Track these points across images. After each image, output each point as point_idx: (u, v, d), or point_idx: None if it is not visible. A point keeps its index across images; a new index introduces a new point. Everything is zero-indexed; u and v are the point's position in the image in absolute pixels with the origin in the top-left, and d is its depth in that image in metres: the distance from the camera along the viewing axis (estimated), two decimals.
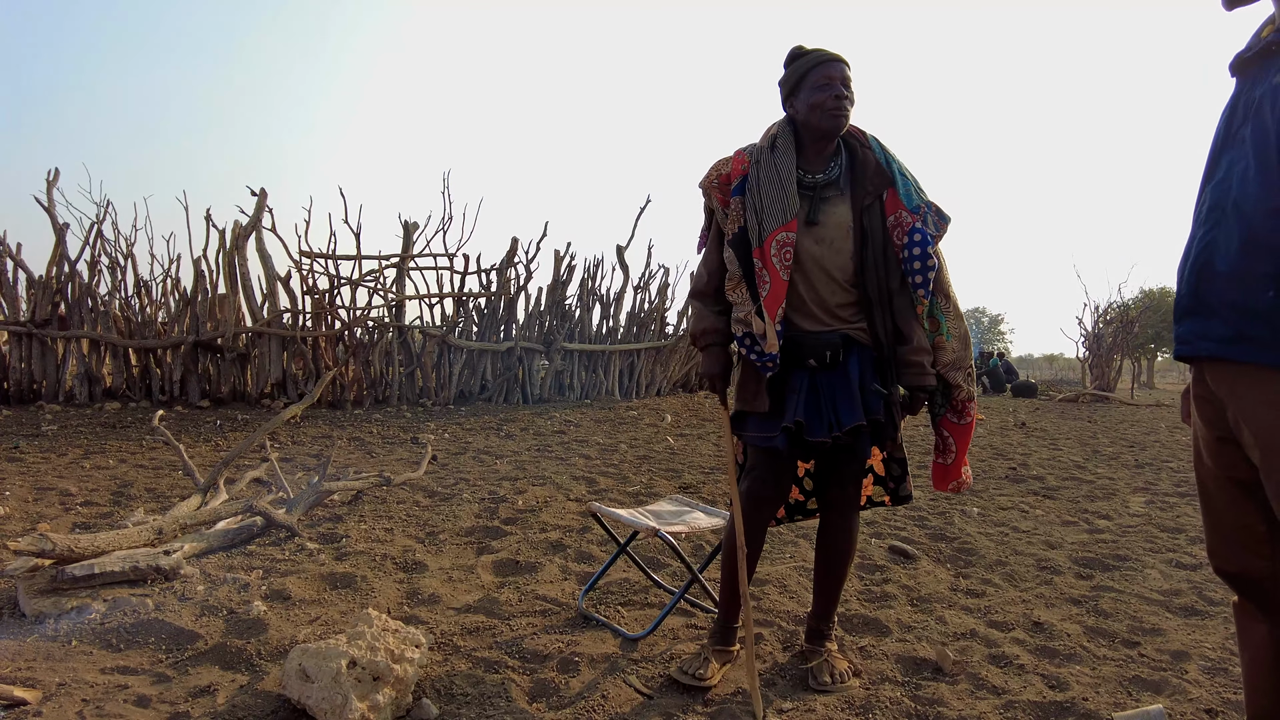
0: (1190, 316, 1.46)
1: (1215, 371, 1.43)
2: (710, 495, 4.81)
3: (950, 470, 2.28)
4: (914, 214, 2.11)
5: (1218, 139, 1.47)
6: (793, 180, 2.08)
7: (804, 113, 2.09)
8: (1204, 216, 1.44)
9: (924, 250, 2.08)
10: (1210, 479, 1.52)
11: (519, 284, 10.42)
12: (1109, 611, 2.88)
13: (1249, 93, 1.40)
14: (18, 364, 8.26)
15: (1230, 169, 1.40)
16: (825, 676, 2.19)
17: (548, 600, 2.82)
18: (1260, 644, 1.50)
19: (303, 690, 1.89)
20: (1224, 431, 1.46)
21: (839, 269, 2.10)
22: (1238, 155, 1.39)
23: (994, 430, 9.15)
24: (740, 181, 2.14)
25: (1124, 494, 5.29)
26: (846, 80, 2.07)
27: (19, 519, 3.80)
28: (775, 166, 2.09)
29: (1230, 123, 1.43)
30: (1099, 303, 19.27)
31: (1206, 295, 1.41)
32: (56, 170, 8.75)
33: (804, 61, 2.09)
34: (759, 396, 2.13)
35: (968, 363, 2.18)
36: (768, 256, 2.07)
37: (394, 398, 9.32)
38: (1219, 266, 1.38)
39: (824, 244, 2.09)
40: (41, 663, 2.13)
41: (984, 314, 59.49)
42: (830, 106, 2.04)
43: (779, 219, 2.06)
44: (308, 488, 4.02)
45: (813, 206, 2.10)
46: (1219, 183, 1.42)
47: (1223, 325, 1.38)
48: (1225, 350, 1.37)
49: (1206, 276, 1.41)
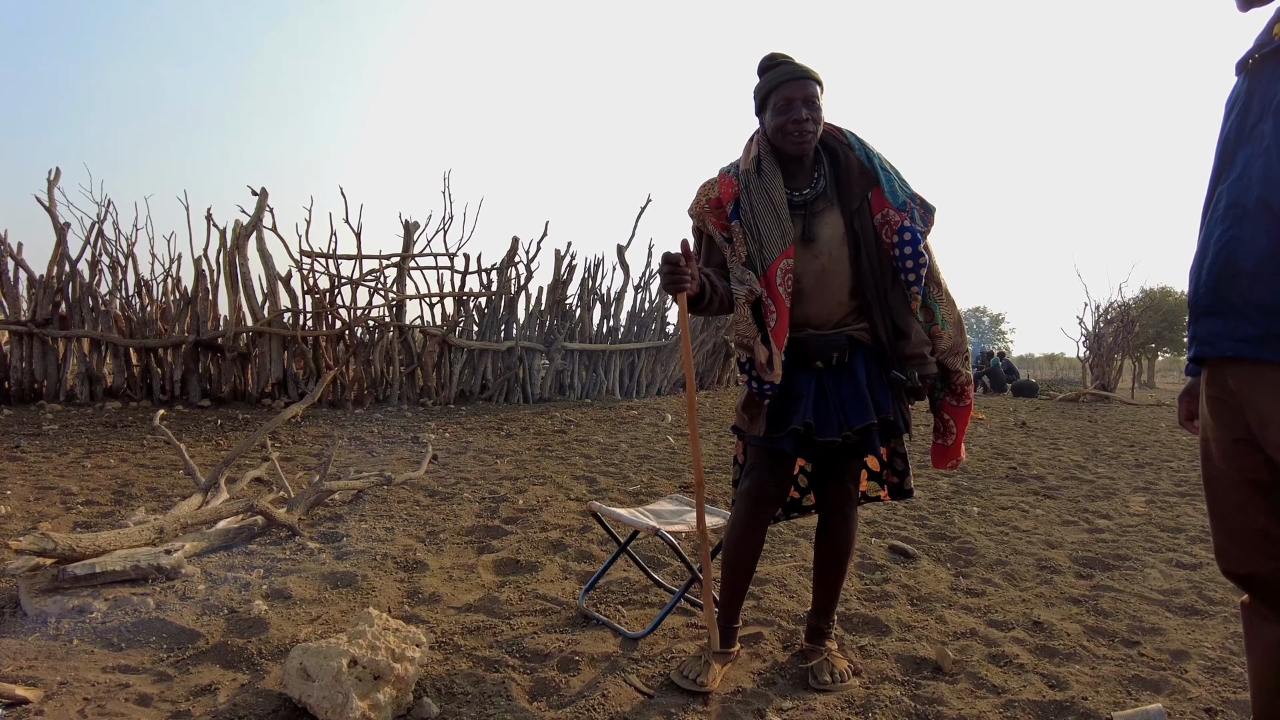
0: (1211, 316, 1.43)
1: (1239, 372, 1.40)
2: (711, 494, 4.81)
3: (950, 450, 2.31)
4: (901, 211, 2.10)
5: (1229, 135, 1.44)
6: (785, 205, 2.08)
7: (770, 133, 2.09)
8: (1221, 214, 1.41)
9: (915, 249, 2.09)
10: (1222, 481, 1.50)
11: (519, 283, 10.43)
12: (1109, 611, 2.89)
13: (1265, 89, 1.37)
14: (19, 363, 8.27)
15: (1249, 166, 1.37)
16: (825, 675, 2.20)
17: (548, 599, 2.82)
18: (1271, 645, 1.48)
19: (304, 689, 1.89)
20: (1242, 433, 1.43)
21: (839, 280, 2.11)
22: (1256, 151, 1.36)
23: (994, 430, 9.14)
24: (734, 206, 2.12)
25: (1124, 494, 5.29)
26: (810, 99, 2.02)
27: (20, 518, 3.80)
28: (766, 192, 2.08)
29: (1244, 119, 1.40)
30: (1099, 302, 19.26)
31: (1229, 294, 1.39)
32: (57, 169, 8.77)
33: (769, 78, 2.07)
34: (756, 421, 2.13)
35: (964, 347, 2.21)
36: (773, 285, 2.06)
37: (394, 397, 9.33)
38: (1244, 265, 1.36)
39: (822, 258, 2.10)
40: (43, 661, 2.14)
41: (984, 314, 59.47)
42: (790, 130, 2.02)
43: (779, 246, 2.06)
44: (308, 487, 4.02)
45: (807, 223, 2.10)
46: (1236, 180, 1.39)
47: (1249, 324, 1.35)
48: (1253, 350, 1.35)
49: (1229, 275, 1.38)
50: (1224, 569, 1.53)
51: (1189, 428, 1.70)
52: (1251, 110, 1.40)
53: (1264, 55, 1.39)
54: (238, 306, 8.77)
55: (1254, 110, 1.39)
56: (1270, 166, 1.33)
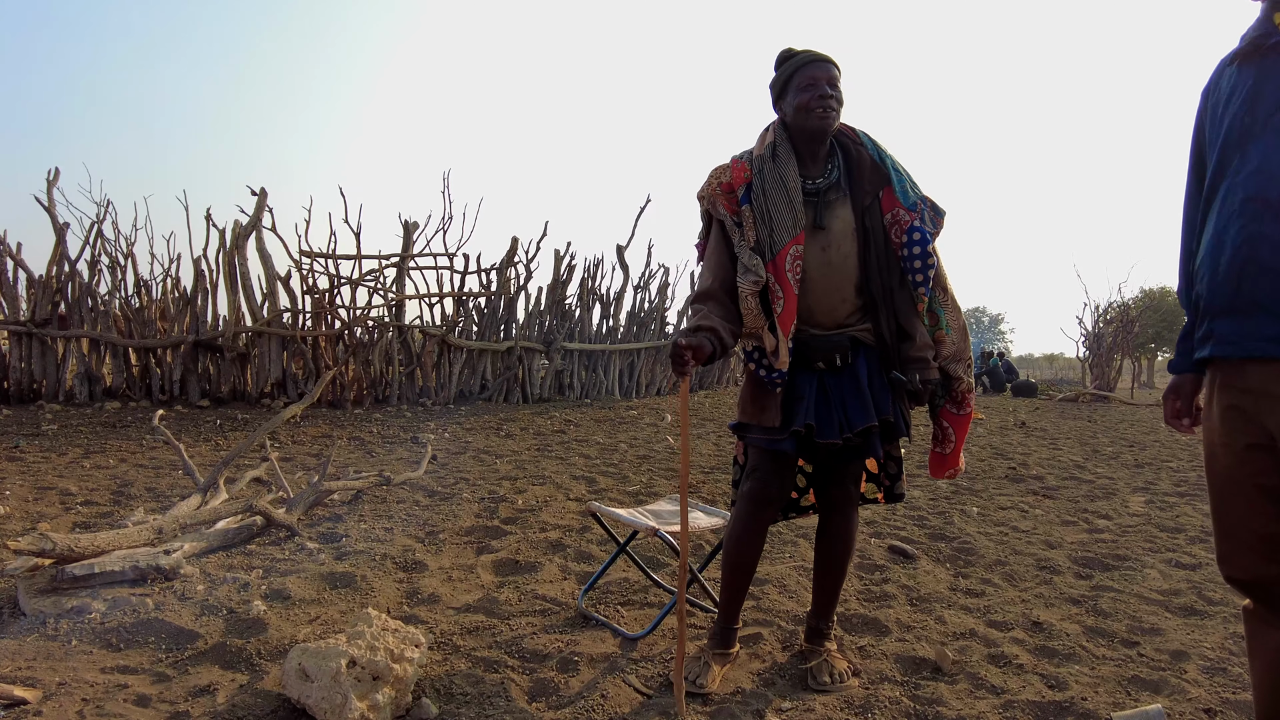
0: (1230, 315, 1.39)
1: (1265, 372, 1.36)
2: (710, 495, 4.81)
3: (949, 459, 2.30)
4: (911, 211, 2.11)
5: (1235, 129, 1.40)
6: (799, 191, 2.07)
7: (791, 114, 2.09)
8: (1238, 209, 1.37)
9: (924, 249, 2.08)
10: (1230, 486, 1.46)
11: (519, 283, 10.43)
12: (1108, 611, 2.89)
13: (1276, 79, 1.34)
14: (18, 363, 8.26)
15: (1267, 159, 1.33)
16: (824, 676, 2.19)
17: (547, 600, 2.82)
18: (1275, 650, 1.46)
19: (302, 690, 1.89)
20: (1257, 438, 1.40)
21: (845, 274, 2.10)
22: (1276, 145, 1.32)
23: (994, 430, 9.14)
24: (745, 190, 2.11)
25: (1124, 494, 5.29)
26: (833, 80, 2.06)
27: (19, 518, 3.80)
28: (780, 177, 2.08)
29: (1253, 111, 1.37)
30: (1099, 302, 19.28)
31: (1253, 292, 1.35)
32: (57, 169, 8.76)
33: (791, 64, 2.09)
34: (768, 411, 2.11)
35: (967, 355, 2.19)
36: (782, 270, 2.05)
37: (394, 397, 9.32)
38: (1271, 262, 1.32)
39: (831, 249, 2.09)
40: (41, 662, 2.14)
41: (984, 314, 59.43)
42: (814, 107, 2.03)
43: (789, 231, 2.05)
44: (308, 487, 4.02)
45: (818, 212, 2.10)
46: (1254, 174, 1.35)
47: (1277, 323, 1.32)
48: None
49: (1252, 273, 1.34)
50: (1227, 575, 1.50)
51: (1176, 425, 1.68)
52: (1262, 101, 1.36)
53: (1273, 45, 1.36)
54: (237, 306, 8.76)
55: (1266, 101, 1.35)
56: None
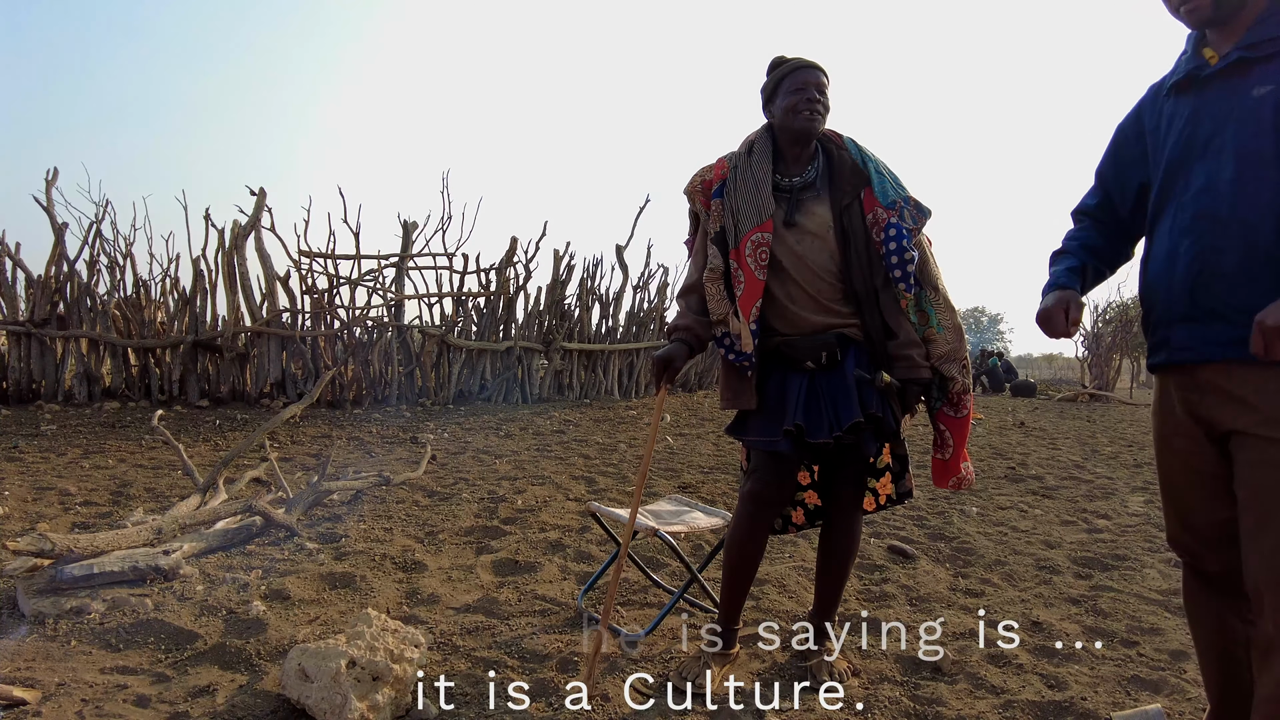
0: (1186, 323, 1.53)
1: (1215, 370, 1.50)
2: (709, 495, 4.81)
3: (950, 466, 2.26)
4: (889, 209, 2.13)
5: (1176, 151, 1.55)
6: (768, 183, 2.14)
7: (779, 116, 2.16)
8: (1187, 226, 1.51)
9: (900, 245, 2.10)
10: (1186, 476, 1.64)
11: (518, 283, 10.42)
12: (1107, 611, 2.89)
13: (1215, 106, 1.49)
14: (16, 363, 8.25)
15: (1213, 179, 1.47)
16: (824, 676, 2.19)
17: (547, 600, 2.82)
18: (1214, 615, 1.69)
19: (302, 690, 1.89)
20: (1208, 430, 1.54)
21: (825, 266, 2.13)
22: (1219, 165, 1.47)
23: (993, 430, 9.14)
24: (720, 186, 2.21)
25: (1123, 493, 5.30)
26: (821, 86, 2.13)
27: (18, 518, 3.79)
28: (751, 170, 2.16)
29: (1195, 134, 1.51)
30: (1098, 302, 19.21)
31: (1206, 300, 1.48)
32: (55, 169, 8.74)
33: (782, 69, 2.17)
34: (743, 395, 2.17)
35: (962, 354, 2.18)
36: (743, 256, 2.13)
37: (393, 397, 9.32)
38: (1223, 270, 1.45)
39: (806, 244, 2.13)
40: (41, 663, 2.14)
41: (984, 314, 59.42)
42: (801, 109, 2.10)
43: (753, 220, 2.12)
44: (307, 487, 4.02)
45: (790, 208, 2.14)
46: (1201, 192, 1.49)
47: (1230, 327, 1.45)
48: (1236, 351, 1.44)
49: (1205, 283, 1.48)
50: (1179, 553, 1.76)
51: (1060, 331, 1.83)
52: (1202, 127, 1.50)
53: (1207, 76, 1.51)
54: (236, 306, 8.75)
55: (1204, 126, 1.50)
56: (1240, 178, 1.43)
